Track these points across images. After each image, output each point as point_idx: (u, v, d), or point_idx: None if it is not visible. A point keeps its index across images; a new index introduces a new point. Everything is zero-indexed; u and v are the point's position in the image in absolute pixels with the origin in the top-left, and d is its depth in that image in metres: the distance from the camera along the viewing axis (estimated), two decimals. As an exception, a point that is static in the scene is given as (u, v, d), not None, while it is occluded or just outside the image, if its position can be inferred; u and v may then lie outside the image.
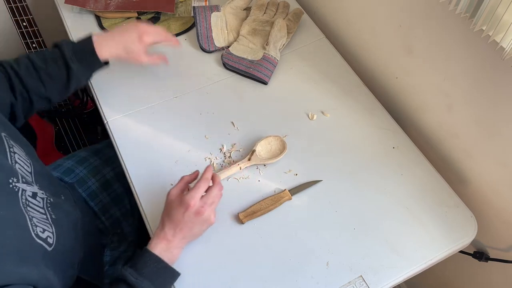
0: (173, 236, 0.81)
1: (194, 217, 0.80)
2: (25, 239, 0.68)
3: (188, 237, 0.83)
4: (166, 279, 0.80)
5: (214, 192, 0.83)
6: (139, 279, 0.75)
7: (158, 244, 0.80)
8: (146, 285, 0.76)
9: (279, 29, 1.17)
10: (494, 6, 0.74)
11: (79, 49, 0.94)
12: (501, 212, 0.94)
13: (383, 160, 1.01)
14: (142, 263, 0.78)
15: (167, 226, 0.81)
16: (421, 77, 1.02)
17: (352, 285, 0.85)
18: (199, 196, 0.80)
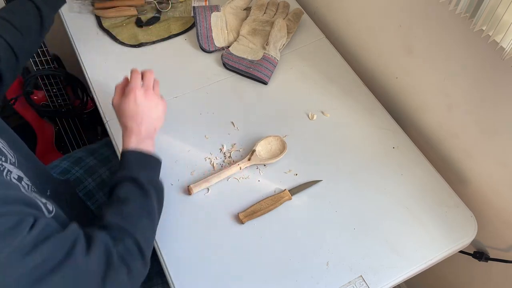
0: (138, 128, 0.84)
1: (145, 100, 0.86)
2: (21, 196, 0.67)
3: (151, 123, 0.87)
4: (152, 165, 0.84)
5: (147, 75, 0.89)
6: (128, 169, 0.79)
7: (129, 143, 0.83)
8: (138, 172, 0.79)
9: (279, 29, 1.17)
10: (494, 6, 0.74)
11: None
12: (501, 212, 0.94)
13: (383, 160, 1.01)
14: (125, 163, 0.81)
15: (128, 123, 0.85)
16: (421, 77, 1.02)
17: (352, 285, 0.85)
18: (139, 83, 0.86)
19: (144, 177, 0.79)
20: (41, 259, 0.60)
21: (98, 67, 1.16)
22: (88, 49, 1.19)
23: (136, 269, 0.71)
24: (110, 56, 1.18)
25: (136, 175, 0.78)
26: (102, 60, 1.17)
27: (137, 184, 0.77)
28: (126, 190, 0.77)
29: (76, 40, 1.20)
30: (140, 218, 0.75)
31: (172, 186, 0.96)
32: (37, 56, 1.46)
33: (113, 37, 1.22)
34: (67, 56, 0.98)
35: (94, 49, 1.19)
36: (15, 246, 0.59)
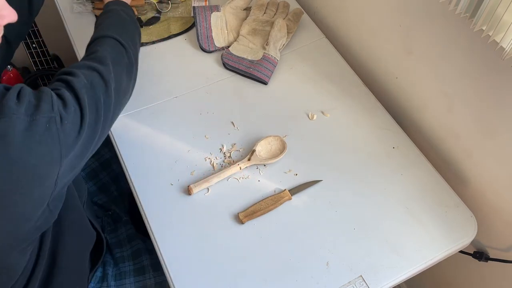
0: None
1: None
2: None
3: None
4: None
5: None
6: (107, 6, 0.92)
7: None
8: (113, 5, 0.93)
9: (279, 29, 1.17)
10: (494, 6, 0.74)
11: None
12: (501, 212, 0.94)
13: (383, 160, 1.01)
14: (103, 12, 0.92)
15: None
16: (421, 77, 1.02)
17: (352, 285, 0.85)
18: None
19: (119, 8, 0.91)
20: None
21: (98, 67, 1.16)
22: (88, 49, 1.19)
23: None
24: (110, 56, 1.18)
25: (110, 6, 0.92)
26: (102, 60, 1.17)
27: (114, 15, 0.91)
28: (102, 24, 0.87)
29: (76, 40, 1.20)
30: (127, 27, 0.90)
31: (172, 186, 0.96)
32: (37, 56, 1.46)
33: (113, 37, 1.22)
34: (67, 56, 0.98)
35: (94, 49, 1.19)
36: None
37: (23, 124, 0.57)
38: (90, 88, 0.68)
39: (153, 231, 0.90)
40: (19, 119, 0.57)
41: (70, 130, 0.62)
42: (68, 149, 0.61)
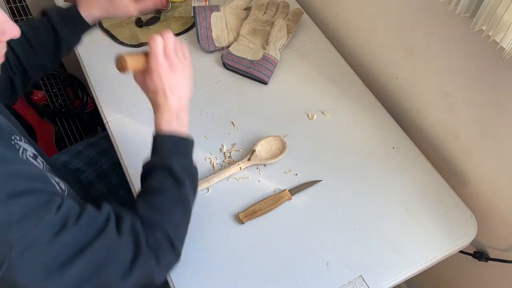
0: (168, 104, 0.78)
1: (171, 71, 0.78)
2: (41, 173, 0.68)
3: (182, 94, 0.80)
4: (185, 150, 0.79)
5: (167, 38, 0.78)
6: (161, 157, 0.75)
7: (161, 123, 0.78)
8: (171, 159, 0.75)
9: (279, 29, 1.17)
10: (494, 6, 0.74)
11: (65, 13, 0.94)
12: (501, 212, 0.94)
13: (383, 160, 1.01)
14: (157, 148, 0.77)
15: (157, 100, 0.78)
16: (421, 77, 1.02)
17: (352, 285, 0.85)
18: (159, 53, 0.76)
19: (177, 165, 0.75)
20: (70, 239, 0.61)
21: (98, 67, 1.16)
22: (88, 49, 1.19)
23: (165, 260, 0.71)
24: (110, 56, 1.17)
25: (169, 164, 0.74)
26: (102, 60, 1.17)
27: (171, 174, 0.74)
28: (159, 180, 0.74)
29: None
30: (172, 210, 0.73)
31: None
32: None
33: (113, 37, 1.22)
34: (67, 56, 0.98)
35: (94, 49, 1.19)
36: (45, 225, 0.59)
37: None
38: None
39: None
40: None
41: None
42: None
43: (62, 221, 0.62)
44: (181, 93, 0.79)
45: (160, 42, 0.77)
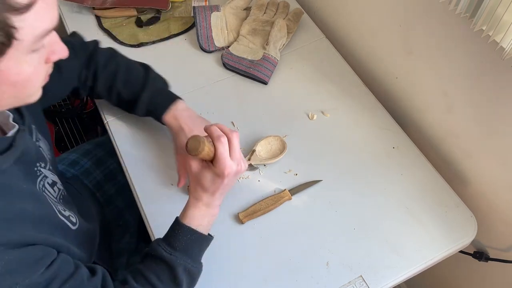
0: (211, 200, 0.77)
1: (233, 176, 0.77)
2: (48, 214, 0.68)
3: (225, 192, 0.80)
4: (201, 247, 0.78)
5: (234, 142, 0.75)
6: (173, 254, 0.74)
7: (195, 212, 0.77)
8: (181, 259, 0.74)
9: (279, 29, 1.17)
10: (494, 6, 0.74)
11: (158, 100, 0.96)
12: (501, 212, 0.94)
13: (383, 160, 1.01)
14: (174, 237, 0.76)
15: (203, 195, 0.77)
16: (421, 77, 1.02)
17: (352, 285, 0.85)
18: (227, 154, 0.74)
19: (185, 268, 0.75)
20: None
21: (98, 67, 1.16)
22: (88, 49, 1.19)
23: None
24: (110, 56, 1.18)
25: (176, 265, 0.74)
26: (102, 60, 1.17)
27: (174, 275, 0.74)
28: (159, 273, 0.74)
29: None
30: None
31: (173, 186, 0.96)
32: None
33: (113, 37, 1.22)
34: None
35: (94, 49, 1.19)
36: (28, 284, 0.58)
37: None
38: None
39: (153, 230, 0.90)
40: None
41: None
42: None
43: (47, 281, 0.61)
44: (225, 192, 0.79)
45: (225, 138, 0.74)
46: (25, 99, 0.61)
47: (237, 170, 0.76)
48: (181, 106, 0.96)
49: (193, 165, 0.76)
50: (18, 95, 0.59)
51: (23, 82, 0.58)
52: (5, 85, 0.56)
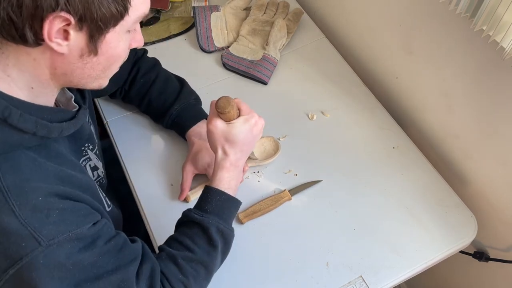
0: (238, 160, 0.80)
1: (260, 130, 0.82)
2: (92, 185, 0.69)
3: (248, 153, 0.83)
4: (231, 210, 0.79)
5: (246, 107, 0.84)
6: (205, 216, 0.75)
7: (224, 174, 0.79)
8: (213, 220, 0.75)
9: (279, 29, 1.17)
10: (494, 6, 0.74)
11: (187, 115, 0.98)
12: (501, 212, 0.94)
13: (383, 160, 1.01)
14: (205, 201, 0.77)
15: (232, 151, 0.79)
16: (421, 77, 1.02)
17: (352, 285, 0.85)
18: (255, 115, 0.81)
19: (217, 228, 0.75)
20: (92, 261, 0.61)
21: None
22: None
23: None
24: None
25: (209, 225, 0.74)
26: (102, 60, 1.17)
27: (208, 236, 0.74)
28: (194, 236, 0.74)
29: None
30: (197, 271, 0.73)
31: (173, 186, 0.96)
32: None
33: (113, 37, 1.22)
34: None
35: (94, 49, 1.19)
36: (76, 235, 0.59)
37: None
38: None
39: (153, 230, 0.90)
40: None
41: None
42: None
43: (93, 237, 0.62)
44: (247, 151, 0.82)
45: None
46: (101, 81, 0.66)
47: (262, 122, 0.82)
48: (203, 124, 0.98)
49: (219, 123, 0.79)
50: (105, 70, 0.64)
51: (116, 57, 0.63)
52: (102, 56, 0.61)
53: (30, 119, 0.57)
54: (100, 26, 0.57)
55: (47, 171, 0.60)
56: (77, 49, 0.58)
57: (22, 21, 0.53)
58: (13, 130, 0.56)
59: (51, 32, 0.54)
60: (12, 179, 0.56)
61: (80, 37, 0.57)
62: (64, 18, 0.53)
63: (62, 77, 0.62)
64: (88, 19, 0.55)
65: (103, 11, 0.55)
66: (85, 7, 0.54)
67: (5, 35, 0.55)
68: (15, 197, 0.56)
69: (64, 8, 0.53)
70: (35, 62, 0.58)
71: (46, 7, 0.52)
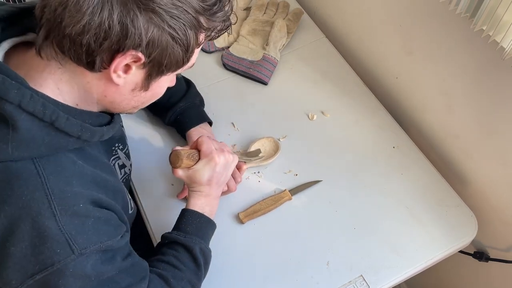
0: (210, 191, 0.83)
1: (224, 164, 0.83)
2: (121, 189, 0.70)
3: (223, 183, 0.86)
4: (208, 232, 0.82)
5: (220, 143, 0.87)
6: (187, 237, 0.77)
7: (197, 202, 0.82)
8: (196, 240, 0.77)
9: (279, 29, 1.17)
10: (494, 6, 0.74)
11: (190, 115, 0.99)
12: (501, 212, 0.94)
13: (383, 160, 1.01)
14: (184, 223, 0.79)
15: (201, 188, 0.82)
16: (421, 77, 1.02)
17: (352, 284, 0.85)
18: (213, 147, 0.83)
19: (200, 248, 0.77)
20: (110, 275, 0.61)
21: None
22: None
23: None
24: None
25: (193, 245, 0.76)
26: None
27: (193, 256, 0.76)
28: (180, 257, 0.76)
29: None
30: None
31: (173, 186, 0.96)
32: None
33: (113, 37, 1.22)
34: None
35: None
36: (104, 247, 0.60)
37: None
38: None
39: (153, 230, 0.90)
40: None
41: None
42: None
43: (115, 251, 0.63)
44: (222, 183, 0.85)
45: (210, 141, 0.83)
46: (135, 110, 0.69)
47: (225, 157, 0.83)
48: (208, 128, 0.99)
49: (179, 172, 0.82)
50: (144, 104, 0.68)
51: (158, 95, 0.68)
52: (150, 93, 0.65)
53: (76, 123, 0.59)
54: (162, 69, 0.61)
55: (86, 175, 0.61)
56: (132, 83, 0.62)
57: (97, 51, 0.55)
58: (60, 134, 0.58)
59: (119, 65, 0.57)
60: (55, 181, 0.57)
61: (138, 74, 0.61)
62: (136, 56, 0.57)
63: (108, 104, 0.65)
64: (156, 62, 0.59)
65: (171, 58, 0.60)
66: (160, 52, 0.58)
67: (73, 56, 0.57)
68: (58, 201, 0.56)
69: (143, 49, 0.56)
70: (88, 84, 0.61)
71: (129, 45, 0.55)
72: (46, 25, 0.56)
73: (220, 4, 0.61)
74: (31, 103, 0.54)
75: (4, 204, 0.55)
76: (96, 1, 0.53)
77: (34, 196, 0.55)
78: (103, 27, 0.54)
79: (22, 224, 0.55)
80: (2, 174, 0.55)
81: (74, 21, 0.53)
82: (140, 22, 0.55)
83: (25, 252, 0.55)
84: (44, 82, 0.59)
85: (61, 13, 0.54)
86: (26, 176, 0.56)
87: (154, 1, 0.55)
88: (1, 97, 0.53)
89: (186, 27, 0.58)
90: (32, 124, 0.55)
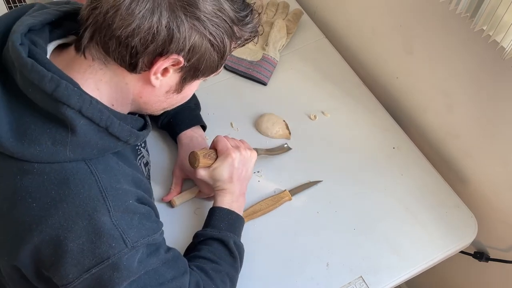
0: (233, 188, 0.84)
1: (242, 160, 0.84)
2: (149, 188, 0.72)
3: (246, 180, 0.87)
4: (240, 227, 0.84)
5: (228, 137, 0.88)
6: (222, 232, 0.79)
7: (223, 199, 0.84)
8: (230, 234, 0.80)
9: (279, 29, 1.17)
10: (494, 6, 0.74)
11: (183, 117, 0.98)
12: (501, 212, 0.94)
13: (383, 160, 1.01)
14: (215, 220, 0.82)
15: (224, 186, 0.84)
16: (421, 77, 1.02)
17: (352, 285, 0.85)
18: (229, 145, 0.85)
19: (235, 242, 0.80)
20: (155, 266, 0.63)
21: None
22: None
23: None
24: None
25: (229, 239, 0.79)
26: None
27: (229, 250, 0.79)
28: (217, 253, 0.78)
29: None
30: (225, 283, 0.76)
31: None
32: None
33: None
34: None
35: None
36: (150, 241, 0.62)
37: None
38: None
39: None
40: None
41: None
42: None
43: (158, 245, 0.65)
44: (245, 179, 0.87)
45: (225, 139, 0.86)
46: (162, 111, 0.70)
47: (241, 153, 0.84)
48: (201, 132, 0.99)
49: (201, 172, 0.85)
50: (173, 105, 0.70)
51: (188, 97, 0.70)
52: (181, 95, 0.67)
53: (126, 128, 0.61)
54: (197, 74, 0.64)
55: (127, 175, 0.64)
56: (167, 85, 0.64)
57: (142, 53, 0.58)
58: (111, 138, 0.60)
59: (160, 68, 0.59)
60: (107, 180, 0.59)
61: (174, 77, 0.63)
62: (178, 60, 0.59)
63: (142, 104, 0.66)
64: (193, 66, 0.62)
65: (208, 64, 0.62)
66: (198, 57, 0.61)
67: (116, 57, 0.59)
68: (111, 198, 0.59)
69: (184, 54, 0.59)
70: (126, 85, 0.63)
71: (172, 49, 0.58)
72: (93, 26, 0.58)
73: (251, 16, 0.64)
74: (90, 109, 0.57)
75: (63, 203, 0.57)
76: (147, 6, 0.55)
77: (90, 194, 0.58)
78: (151, 31, 0.56)
79: (80, 221, 0.57)
80: (59, 174, 0.58)
81: (125, 24, 0.55)
82: (185, 28, 0.57)
83: (82, 248, 0.57)
84: (85, 83, 0.60)
85: (112, 15, 0.56)
86: (81, 176, 0.58)
87: (200, 9, 0.57)
88: (64, 103, 0.55)
89: (224, 35, 0.61)
90: (89, 129, 0.58)
